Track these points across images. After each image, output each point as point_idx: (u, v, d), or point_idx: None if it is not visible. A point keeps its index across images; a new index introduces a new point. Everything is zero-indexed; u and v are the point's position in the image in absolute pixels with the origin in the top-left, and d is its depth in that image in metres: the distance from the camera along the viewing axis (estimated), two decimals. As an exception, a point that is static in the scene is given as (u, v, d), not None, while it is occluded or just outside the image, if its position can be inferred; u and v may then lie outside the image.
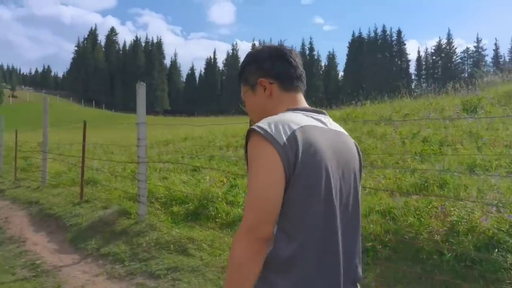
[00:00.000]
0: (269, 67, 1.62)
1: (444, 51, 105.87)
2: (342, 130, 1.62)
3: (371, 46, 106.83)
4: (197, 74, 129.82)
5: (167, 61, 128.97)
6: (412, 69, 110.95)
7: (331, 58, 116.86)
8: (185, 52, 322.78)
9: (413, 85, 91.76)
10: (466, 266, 3.72)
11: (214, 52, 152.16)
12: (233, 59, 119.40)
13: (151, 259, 5.04)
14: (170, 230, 5.70)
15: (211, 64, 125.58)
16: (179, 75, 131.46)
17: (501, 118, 7.88)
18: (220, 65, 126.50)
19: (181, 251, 5.07)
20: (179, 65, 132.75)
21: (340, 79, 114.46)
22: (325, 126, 1.53)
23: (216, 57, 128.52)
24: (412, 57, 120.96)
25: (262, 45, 1.75)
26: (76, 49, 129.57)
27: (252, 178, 1.37)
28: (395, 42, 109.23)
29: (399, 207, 4.69)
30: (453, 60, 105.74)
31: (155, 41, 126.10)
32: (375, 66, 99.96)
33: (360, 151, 1.66)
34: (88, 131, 8.71)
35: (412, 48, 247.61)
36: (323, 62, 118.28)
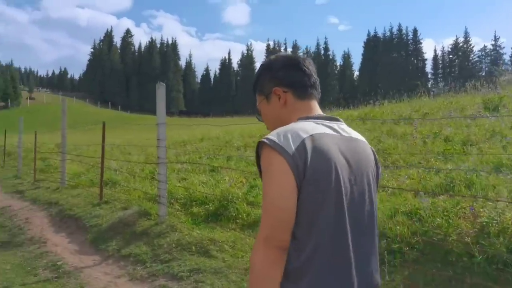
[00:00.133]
0: (283, 76, 1.65)
1: (461, 50, 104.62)
2: (357, 136, 1.62)
3: (386, 45, 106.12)
4: (212, 75, 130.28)
5: (182, 62, 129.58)
6: (428, 68, 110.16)
7: (346, 57, 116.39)
8: (200, 53, 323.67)
9: (429, 84, 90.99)
10: (497, 268, 3.60)
11: (229, 52, 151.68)
12: (247, 60, 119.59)
13: (172, 260, 5.00)
14: (191, 231, 5.65)
15: (226, 64, 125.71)
16: (194, 76, 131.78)
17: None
18: (235, 65, 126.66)
19: (203, 253, 5.02)
20: (194, 66, 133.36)
21: (355, 78, 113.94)
22: (337, 133, 1.53)
23: (231, 57, 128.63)
24: (428, 56, 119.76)
25: (275, 55, 1.77)
26: (92, 51, 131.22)
27: (265, 188, 1.41)
28: (411, 41, 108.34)
29: (425, 207, 4.57)
30: (470, 58, 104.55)
31: (170, 42, 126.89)
32: (390, 65, 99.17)
33: (377, 157, 1.67)
34: (106, 132, 8.73)
35: (428, 47, 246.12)
36: (338, 62, 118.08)
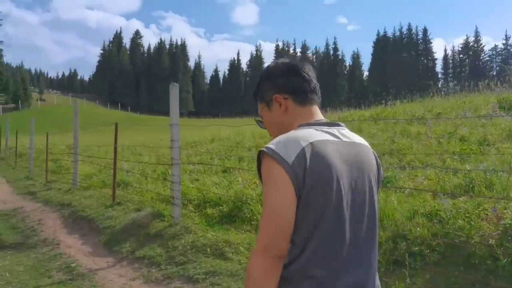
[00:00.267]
0: (282, 83, 1.66)
1: (471, 49, 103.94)
2: (359, 140, 1.62)
3: (396, 45, 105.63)
4: (221, 75, 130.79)
5: (191, 63, 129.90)
6: (438, 68, 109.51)
7: (356, 57, 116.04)
8: (209, 53, 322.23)
9: (439, 84, 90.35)
10: (523, 272, 3.51)
11: (237, 53, 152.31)
12: (256, 60, 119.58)
13: (188, 262, 4.93)
14: (205, 233, 5.58)
15: (235, 65, 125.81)
16: (203, 76, 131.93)
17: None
18: (244, 66, 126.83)
19: (218, 255, 4.95)
20: (203, 67, 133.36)
21: (365, 78, 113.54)
22: (337, 139, 1.53)
23: (240, 58, 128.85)
24: (438, 55, 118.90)
25: (275, 62, 1.78)
26: (101, 52, 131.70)
27: (265, 198, 1.42)
28: (421, 40, 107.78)
29: (445, 209, 4.47)
30: (481, 58, 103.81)
31: (179, 43, 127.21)
32: (400, 65, 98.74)
33: (379, 161, 1.67)
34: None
35: (438, 46, 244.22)
36: (348, 62, 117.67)
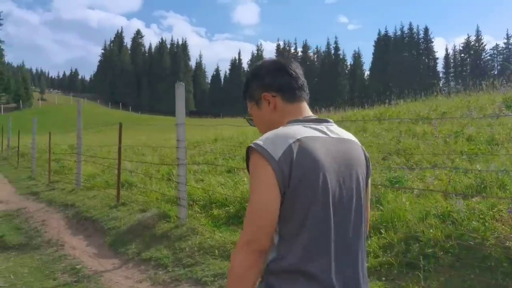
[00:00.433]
0: (270, 81, 1.68)
1: (473, 48, 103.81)
2: (347, 136, 1.63)
3: (397, 44, 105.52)
4: (222, 75, 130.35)
5: (193, 63, 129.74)
6: (439, 67, 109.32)
7: (357, 57, 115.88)
8: (209, 53, 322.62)
9: (441, 83, 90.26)
10: (541, 275, 3.43)
11: (239, 53, 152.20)
12: (258, 60, 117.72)
13: (195, 264, 4.85)
14: (212, 234, 5.50)
15: (236, 65, 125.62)
16: (204, 76, 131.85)
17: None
18: (245, 66, 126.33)
19: (226, 257, 4.86)
20: (204, 67, 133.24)
21: (366, 78, 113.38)
22: (325, 135, 1.54)
23: (241, 58, 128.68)
24: (439, 55, 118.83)
25: (262, 60, 1.81)
26: (102, 52, 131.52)
27: (251, 193, 1.44)
28: (422, 40, 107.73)
29: (458, 210, 4.39)
30: (482, 57, 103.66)
31: (180, 42, 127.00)
32: (401, 64, 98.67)
33: (368, 156, 1.68)
34: (117, 133, 8.62)
35: (439, 46, 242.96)
36: (349, 61, 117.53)
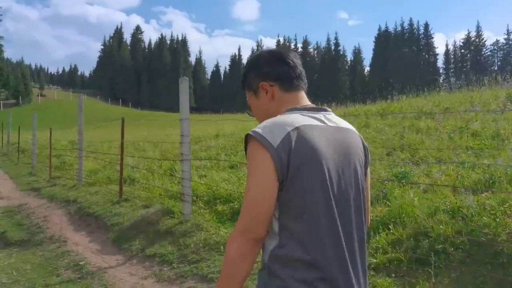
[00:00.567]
0: (268, 70, 1.68)
1: (473, 44, 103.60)
2: (345, 125, 1.64)
3: (397, 40, 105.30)
4: (222, 71, 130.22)
5: (192, 59, 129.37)
6: (440, 63, 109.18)
7: (357, 53, 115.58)
8: (209, 49, 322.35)
9: (441, 79, 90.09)
10: (554, 271, 3.37)
11: (238, 48, 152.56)
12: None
13: (201, 261, 4.79)
14: (217, 230, 5.44)
15: (236, 61, 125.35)
16: (204, 72, 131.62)
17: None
18: (244, 61, 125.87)
19: (232, 253, 4.81)
20: (204, 62, 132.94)
21: (366, 74, 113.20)
22: (323, 123, 1.55)
23: (241, 53, 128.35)
24: (439, 51, 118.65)
25: (260, 50, 1.81)
26: (102, 47, 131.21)
27: (248, 181, 1.44)
28: (422, 35, 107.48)
29: (468, 205, 4.33)
30: (482, 53, 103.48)
31: (179, 38, 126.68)
32: (402, 60, 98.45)
33: (366, 145, 1.69)
34: (117, 128, 8.56)
35: (439, 41, 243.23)
36: (349, 57, 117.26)
